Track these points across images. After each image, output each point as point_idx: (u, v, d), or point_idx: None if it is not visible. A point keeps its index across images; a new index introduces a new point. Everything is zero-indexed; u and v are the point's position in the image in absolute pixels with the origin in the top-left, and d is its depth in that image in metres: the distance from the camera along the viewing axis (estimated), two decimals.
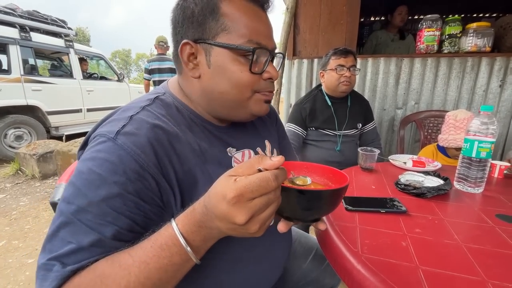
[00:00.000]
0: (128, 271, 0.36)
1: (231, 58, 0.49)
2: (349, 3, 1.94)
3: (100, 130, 0.45)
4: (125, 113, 0.47)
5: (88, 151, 0.43)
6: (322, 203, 0.43)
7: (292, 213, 0.44)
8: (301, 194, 0.40)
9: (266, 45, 0.50)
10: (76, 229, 0.39)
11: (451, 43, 1.79)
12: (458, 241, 0.59)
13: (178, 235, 0.36)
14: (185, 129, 0.51)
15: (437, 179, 0.91)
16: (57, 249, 0.38)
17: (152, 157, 0.43)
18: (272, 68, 0.52)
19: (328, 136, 1.48)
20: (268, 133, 0.72)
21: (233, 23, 0.48)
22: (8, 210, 2.34)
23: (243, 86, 0.50)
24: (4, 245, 1.83)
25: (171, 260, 0.36)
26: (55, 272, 0.37)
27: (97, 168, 0.40)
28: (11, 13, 3.74)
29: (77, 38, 4.83)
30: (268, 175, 0.33)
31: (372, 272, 0.49)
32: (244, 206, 0.32)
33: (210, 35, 0.48)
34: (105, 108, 4.89)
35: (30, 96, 3.79)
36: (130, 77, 36.67)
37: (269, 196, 0.34)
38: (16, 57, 3.65)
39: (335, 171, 0.51)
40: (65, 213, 0.40)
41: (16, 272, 1.56)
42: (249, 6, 0.49)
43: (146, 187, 0.42)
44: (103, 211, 0.39)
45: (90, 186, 0.40)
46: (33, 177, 3.04)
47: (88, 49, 5.20)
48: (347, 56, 1.39)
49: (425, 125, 1.77)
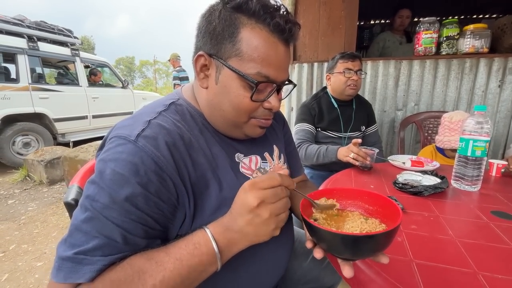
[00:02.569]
0: (164, 267, 0.40)
1: (237, 82, 0.50)
2: (347, 8, 1.98)
3: (119, 132, 0.47)
4: (142, 118, 0.50)
5: (108, 152, 0.45)
6: (388, 239, 0.41)
7: (359, 255, 0.44)
8: (371, 238, 0.39)
9: (274, 78, 0.51)
10: (101, 225, 0.41)
11: (449, 45, 1.82)
12: (452, 236, 0.61)
13: (209, 235, 0.43)
14: (198, 134, 0.54)
15: (435, 178, 0.93)
16: (81, 243, 0.40)
17: (170, 160, 0.46)
18: (275, 100, 0.54)
19: (332, 139, 1.51)
20: (276, 137, 0.74)
21: (247, 50, 0.49)
22: (17, 215, 2.39)
23: (242, 110, 0.53)
24: (14, 249, 1.87)
25: (201, 259, 0.42)
26: (87, 265, 0.39)
27: (120, 169, 0.42)
28: (20, 23, 3.86)
29: (82, 47, 4.95)
30: (274, 174, 0.44)
31: (368, 266, 0.51)
32: (256, 191, 0.42)
33: (224, 56, 0.50)
34: (110, 115, 4.98)
35: (37, 104, 3.89)
36: (134, 84, 37.17)
37: (277, 190, 0.43)
38: (24, 66, 3.75)
39: (363, 191, 0.52)
40: (90, 209, 0.41)
41: (26, 275, 1.60)
42: (268, 38, 0.49)
43: (165, 188, 0.45)
44: (127, 209, 0.41)
45: (114, 186, 0.42)
46: (41, 183, 3.10)
47: (93, 57, 5.31)
48: (355, 60, 1.42)
49: (425, 126, 1.79)
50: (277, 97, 0.55)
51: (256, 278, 0.61)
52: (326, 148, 1.30)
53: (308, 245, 0.48)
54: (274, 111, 0.56)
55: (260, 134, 0.60)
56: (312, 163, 1.36)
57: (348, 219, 0.50)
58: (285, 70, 0.54)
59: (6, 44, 3.60)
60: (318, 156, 1.32)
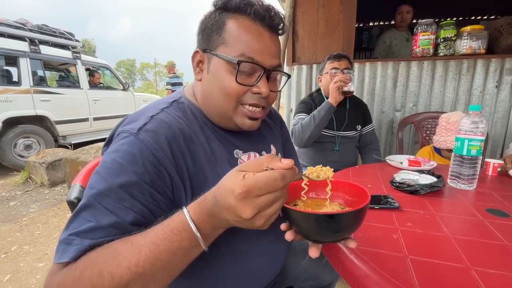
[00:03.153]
0: (139, 250, 0.39)
1: (224, 67, 0.54)
2: (345, 11, 2.01)
3: (124, 128, 0.50)
4: (146, 113, 0.53)
5: (113, 145, 0.49)
6: (353, 222, 0.42)
7: (323, 236, 0.44)
8: (332, 218, 0.40)
9: (260, 61, 0.54)
10: (96, 211, 0.43)
11: (446, 46, 1.83)
12: (447, 233, 0.62)
13: (190, 222, 0.39)
14: (198, 130, 0.57)
15: (431, 177, 0.94)
16: (77, 226, 0.42)
17: (168, 153, 0.48)
18: (263, 84, 0.55)
19: (327, 137, 1.53)
20: (274, 137, 0.76)
21: (232, 38, 0.53)
22: (19, 217, 2.41)
23: (229, 94, 0.54)
24: (16, 250, 1.89)
25: (181, 244, 0.39)
26: (74, 246, 0.41)
27: (119, 158, 0.45)
28: (22, 27, 3.90)
29: (83, 50, 4.99)
30: (276, 174, 0.35)
31: (363, 261, 0.53)
32: (251, 202, 0.35)
33: (212, 46, 0.55)
34: (111, 117, 5.01)
35: (39, 106, 3.92)
36: (135, 86, 37.34)
37: (276, 194, 0.36)
38: (26, 69, 3.79)
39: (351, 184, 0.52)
40: (87, 196, 0.44)
41: (28, 276, 1.61)
42: (252, 26, 0.53)
43: (161, 179, 0.47)
44: (121, 196, 0.43)
45: (112, 174, 0.44)
46: (42, 185, 3.12)
47: (94, 59, 5.35)
48: (341, 60, 1.48)
49: (423, 127, 1.80)
50: (266, 82, 0.56)
51: (254, 271, 0.62)
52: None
53: (282, 227, 0.49)
54: (264, 96, 0.56)
55: (251, 127, 0.59)
56: (311, 129, 1.37)
57: (325, 207, 0.51)
58: (272, 56, 0.56)
59: (8, 47, 3.65)
60: (313, 117, 1.37)
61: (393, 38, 2.52)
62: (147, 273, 0.38)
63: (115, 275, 0.37)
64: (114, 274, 0.37)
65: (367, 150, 1.61)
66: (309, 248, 0.45)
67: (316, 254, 0.44)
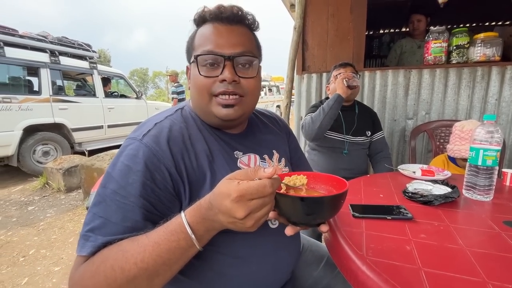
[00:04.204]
0: (144, 248, 0.45)
1: (194, 69, 0.61)
2: (355, 20, 2.02)
3: (132, 135, 0.59)
4: (152, 121, 0.61)
5: (121, 149, 0.57)
6: (322, 208, 0.48)
7: (297, 218, 0.51)
8: (303, 201, 0.47)
9: (219, 50, 0.59)
10: (106, 207, 0.50)
11: (459, 54, 1.81)
12: (462, 246, 0.61)
13: (186, 224, 0.44)
14: (197, 133, 0.63)
15: (445, 187, 0.92)
16: (90, 222, 0.50)
17: (168, 153, 0.55)
18: (226, 70, 0.59)
19: (336, 141, 1.54)
20: (278, 144, 0.78)
21: (197, 41, 0.62)
22: (37, 221, 2.49)
23: (199, 89, 0.61)
24: (33, 254, 1.95)
25: (178, 244, 0.44)
26: (90, 242, 0.48)
27: (126, 161, 0.53)
28: (43, 39, 4.11)
29: (99, 60, 5.19)
30: (265, 182, 0.41)
31: (376, 273, 0.52)
32: (244, 204, 0.40)
33: (190, 58, 0.64)
34: (125, 124, 5.15)
35: (57, 114, 4.09)
36: (147, 94, 38.26)
37: (265, 199, 0.42)
38: (46, 79, 3.97)
39: (337, 179, 0.56)
40: (100, 194, 0.52)
41: (44, 279, 1.66)
42: (209, 26, 0.61)
43: (161, 177, 0.54)
44: (128, 193, 0.50)
45: (120, 174, 0.52)
46: (59, 190, 3.23)
47: (109, 69, 5.55)
48: (346, 67, 1.53)
49: (436, 135, 1.77)
50: (231, 69, 0.59)
51: (256, 277, 0.63)
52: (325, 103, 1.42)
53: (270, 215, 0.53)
54: (229, 82, 0.59)
55: (227, 115, 0.61)
56: (321, 119, 1.39)
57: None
58: (231, 45, 0.60)
59: (30, 59, 3.84)
60: (322, 108, 1.39)
61: (403, 46, 2.52)
62: (150, 268, 0.44)
63: (124, 269, 0.44)
64: (123, 269, 0.44)
65: (378, 158, 1.60)
66: (286, 228, 0.53)
67: (290, 232, 0.52)
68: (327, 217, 0.53)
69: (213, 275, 0.60)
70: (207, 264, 0.59)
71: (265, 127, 0.80)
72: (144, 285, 0.45)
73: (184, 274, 0.50)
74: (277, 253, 0.66)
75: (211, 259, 0.59)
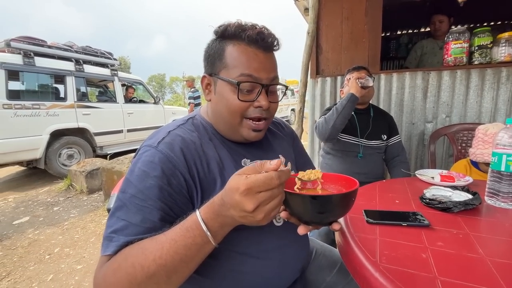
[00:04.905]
0: (162, 246, 0.47)
1: (227, 88, 0.62)
2: (370, 22, 1.99)
3: (147, 143, 0.61)
4: (166, 129, 0.64)
5: (138, 156, 0.60)
6: (333, 206, 0.48)
7: (309, 217, 0.51)
8: (314, 199, 0.47)
9: (258, 78, 0.61)
10: (127, 210, 0.53)
11: (481, 54, 1.74)
12: (483, 255, 0.58)
13: (200, 221, 0.46)
14: (208, 141, 0.66)
15: (466, 194, 0.89)
16: (113, 224, 0.53)
17: (182, 159, 0.58)
18: (263, 98, 0.62)
19: (350, 145, 1.51)
20: (283, 149, 0.81)
21: (231, 61, 0.61)
22: (61, 221, 2.63)
23: (233, 111, 0.62)
24: (58, 252, 2.06)
25: (194, 240, 0.46)
26: (114, 242, 0.51)
27: (143, 166, 0.56)
28: (69, 49, 4.37)
29: (120, 67, 5.43)
30: (272, 174, 0.42)
31: (389, 280, 0.52)
32: (253, 197, 0.41)
33: (216, 71, 0.64)
34: (143, 129, 5.33)
35: (81, 119, 4.31)
36: (165, 99, 39.42)
37: (273, 191, 0.43)
38: (71, 86, 4.21)
39: (347, 178, 0.57)
40: (121, 199, 0.55)
41: (67, 277, 1.75)
42: (248, 49, 0.61)
43: (176, 181, 0.57)
44: (146, 197, 0.53)
45: (138, 179, 0.55)
46: (82, 192, 3.39)
47: (129, 76, 5.79)
48: (360, 70, 1.50)
49: (458, 139, 1.70)
50: (265, 96, 0.63)
51: (263, 273, 0.65)
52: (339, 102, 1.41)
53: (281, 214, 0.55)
54: (265, 109, 0.63)
55: (256, 137, 0.67)
56: (334, 118, 1.38)
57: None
58: (267, 72, 0.63)
59: (57, 68, 4.09)
60: (336, 108, 1.38)
61: (424, 47, 2.45)
62: (169, 265, 0.46)
63: (144, 266, 0.46)
64: (143, 266, 0.46)
65: (394, 163, 1.56)
66: (298, 227, 0.53)
67: (303, 231, 0.53)
68: (339, 215, 0.53)
69: (225, 271, 0.63)
70: (219, 262, 0.62)
71: (270, 133, 0.82)
72: (162, 282, 0.47)
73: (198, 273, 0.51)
74: (283, 250, 0.68)
75: (222, 257, 0.61)
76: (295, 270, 0.73)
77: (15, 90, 3.75)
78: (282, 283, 0.70)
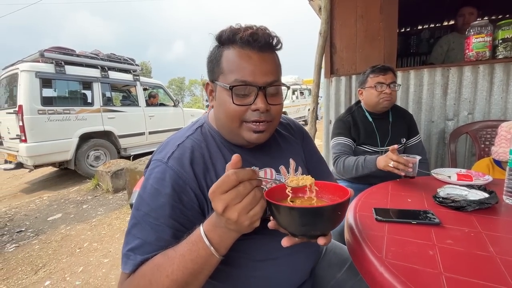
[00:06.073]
0: (172, 261, 0.49)
1: (224, 93, 0.62)
2: (385, 19, 1.96)
3: (157, 156, 0.63)
4: (175, 142, 0.65)
5: (149, 172, 0.61)
6: (316, 219, 0.46)
7: (292, 228, 0.49)
8: (292, 210, 0.46)
9: (252, 81, 0.59)
10: (142, 228, 0.56)
11: (506, 48, 1.65)
12: (493, 253, 0.58)
13: (202, 233, 0.49)
14: (217, 151, 0.67)
15: (482, 193, 0.86)
16: (130, 242, 0.55)
17: (191, 174, 0.60)
18: (260, 100, 0.60)
19: (369, 154, 1.45)
20: (293, 151, 0.80)
21: (227, 66, 0.61)
22: (89, 218, 2.81)
23: (231, 115, 0.62)
24: (87, 246, 2.21)
25: (199, 253, 0.48)
26: (131, 260, 0.54)
27: (155, 184, 0.58)
28: (95, 57, 4.65)
29: (141, 72, 5.68)
30: (228, 172, 0.43)
31: (393, 275, 0.53)
32: (218, 199, 0.43)
33: (215, 77, 0.64)
34: (164, 131, 5.54)
35: (106, 123, 4.57)
36: (184, 101, 40.44)
37: (238, 189, 0.43)
38: (98, 92, 4.48)
39: (343, 189, 0.54)
40: (136, 217, 0.57)
41: (96, 269, 1.88)
42: (241, 52, 0.60)
43: (187, 197, 0.58)
44: (159, 215, 0.55)
45: (151, 197, 0.57)
46: (107, 191, 3.59)
47: (150, 80, 6.03)
48: (386, 73, 1.37)
49: (481, 137, 1.62)
50: (263, 99, 0.60)
51: (274, 278, 0.67)
52: (364, 158, 1.26)
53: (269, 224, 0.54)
54: (262, 111, 0.61)
55: (258, 139, 0.64)
56: (352, 175, 1.33)
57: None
58: (263, 73, 0.60)
59: (85, 75, 4.38)
60: (356, 168, 1.29)
61: (451, 42, 2.29)
62: (180, 279, 0.48)
63: (159, 282, 0.49)
64: (158, 282, 0.49)
65: None
66: (283, 239, 0.52)
67: (286, 243, 0.51)
68: (324, 229, 0.48)
69: (239, 276, 0.65)
70: (234, 269, 0.64)
71: (280, 136, 0.81)
72: None
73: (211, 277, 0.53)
74: (295, 256, 0.69)
75: (236, 265, 0.63)
76: (305, 272, 0.74)
77: (48, 96, 4.06)
78: (292, 284, 0.72)
